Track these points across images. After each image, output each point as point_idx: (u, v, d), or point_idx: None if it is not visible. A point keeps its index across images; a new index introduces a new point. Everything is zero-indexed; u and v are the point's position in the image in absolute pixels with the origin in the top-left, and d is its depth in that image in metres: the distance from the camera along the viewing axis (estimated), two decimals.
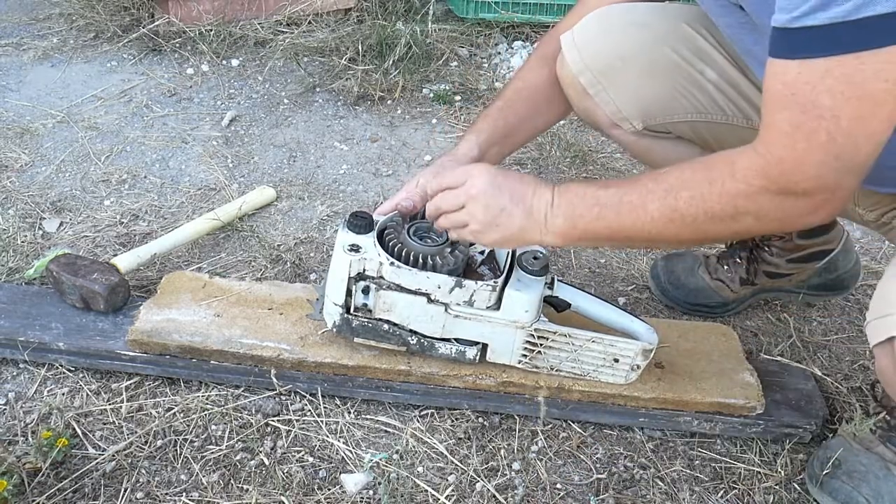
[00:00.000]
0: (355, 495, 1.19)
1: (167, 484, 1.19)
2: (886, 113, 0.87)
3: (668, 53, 1.28)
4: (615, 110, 1.32)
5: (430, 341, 1.27)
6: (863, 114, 0.86)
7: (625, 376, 1.30)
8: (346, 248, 1.21)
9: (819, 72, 0.85)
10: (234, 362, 1.31)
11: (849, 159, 0.90)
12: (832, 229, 1.56)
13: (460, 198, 1.13)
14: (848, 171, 0.92)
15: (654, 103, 1.31)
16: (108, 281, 1.36)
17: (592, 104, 1.33)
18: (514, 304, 1.22)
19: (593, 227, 1.08)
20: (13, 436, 1.22)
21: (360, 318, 1.26)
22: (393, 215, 1.26)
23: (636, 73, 1.29)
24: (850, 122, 0.87)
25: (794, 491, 1.27)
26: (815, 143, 0.89)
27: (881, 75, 0.84)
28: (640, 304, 1.64)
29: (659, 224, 1.03)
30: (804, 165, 0.91)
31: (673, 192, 1.01)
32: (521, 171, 1.15)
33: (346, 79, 2.31)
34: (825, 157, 0.90)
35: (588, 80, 1.30)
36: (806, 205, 0.95)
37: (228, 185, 1.88)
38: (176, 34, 2.43)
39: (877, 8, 0.80)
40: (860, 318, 1.65)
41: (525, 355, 1.29)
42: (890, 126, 0.88)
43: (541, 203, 1.10)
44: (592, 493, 1.24)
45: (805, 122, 0.89)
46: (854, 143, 0.89)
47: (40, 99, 2.16)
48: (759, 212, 0.98)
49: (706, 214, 1.00)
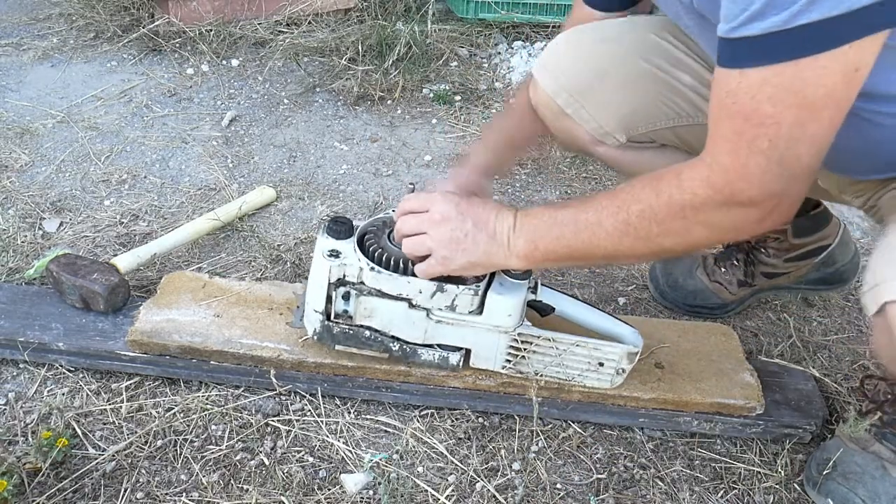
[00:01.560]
0: (355, 495, 1.19)
1: (167, 484, 1.19)
2: (827, 117, 0.88)
3: (641, 64, 1.29)
4: (596, 126, 1.32)
5: (412, 347, 1.26)
6: (803, 120, 0.87)
7: (610, 380, 1.29)
8: (325, 254, 1.20)
9: (758, 81, 0.86)
10: (234, 362, 1.31)
11: (792, 165, 0.91)
12: (828, 224, 1.56)
13: (423, 224, 1.14)
14: (792, 177, 0.92)
15: (635, 114, 1.32)
16: (108, 281, 1.36)
17: (571, 124, 1.33)
18: (497, 308, 1.21)
19: (553, 246, 1.10)
20: (13, 436, 1.22)
21: (341, 325, 1.25)
22: (373, 220, 1.26)
23: (613, 86, 1.30)
24: (791, 129, 0.88)
25: (793, 491, 1.27)
26: (756, 149, 0.90)
27: (820, 81, 0.84)
28: (641, 305, 1.64)
29: (614, 239, 1.04)
30: (748, 173, 0.92)
31: (625, 206, 1.03)
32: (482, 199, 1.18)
33: (346, 79, 2.31)
34: (768, 164, 0.90)
35: (565, 100, 1.31)
36: (754, 214, 0.96)
37: (228, 185, 1.88)
38: (176, 34, 2.43)
39: (811, 15, 0.81)
40: (860, 318, 1.65)
41: (509, 360, 1.28)
42: (831, 130, 0.89)
43: (503, 227, 1.12)
44: (592, 493, 1.24)
45: (747, 129, 0.89)
46: (796, 149, 0.90)
47: (40, 99, 2.16)
48: (709, 222, 0.99)
49: (658, 227, 1.01)
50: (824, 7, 0.80)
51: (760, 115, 0.88)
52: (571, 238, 1.08)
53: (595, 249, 1.07)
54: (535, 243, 1.10)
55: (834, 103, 0.87)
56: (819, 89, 0.85)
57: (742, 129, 0.90)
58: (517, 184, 2.01)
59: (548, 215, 1.10)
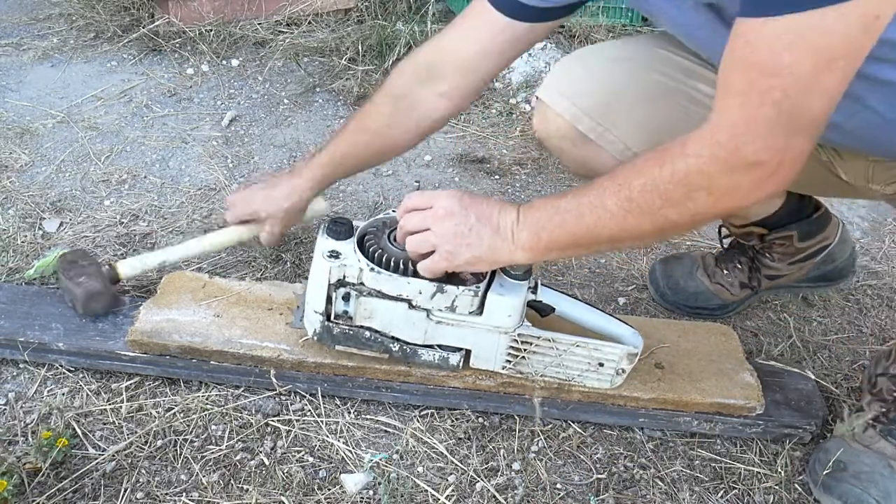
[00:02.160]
0: (355, 495, 1.19)
1: (167, 484, 1.19)
2: (841, 68, 0.86)
3: (657, 78, 1.27)
4: (623, 149, 1.29)
5: (412, 348, 1.26)
6: (819, 69, 0.86)
7: (610, 381, 1.29)
8: (325, 255, 1.20)
9: (780, 28, 0.85)
10: (234, 363, 1.31)
11: (801, 118, 0.90)
12: (829, 225, 1.57)
13: (426, 221, 1.13)
14: (799, 130, 0.91)
15: (661, 129, 1.27)
16: (90, 287, 1.34)
17: (594, 149, 1.30)
18: (497, 308, 1.21)
19: (557, 235, 1.08)
20: (13, 436, 1.22)
21: (341, 326, 1.25)
22: (373, 221, 1.26)
23: (635, 103, 1.27)
24: (807, 79, 0.86)
25: (794, 491, 1.27)
26: (768, 100, 0.88)
27: (838, 29, 0.83)
28: (641, 305, 1.64)
29: (618, 218, 1.02)
30: (756, 126, 0.90)
31: (627, 183, 1.01)
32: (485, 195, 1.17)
33: (346, 79, 2.32)
34: (778, 116, 0.89)
35: (588, 125, 1.28)
36: (757, 173, 0.94)
37: (228, 186, 1.88)
38: (176, 34, 2.43)
39: None
40: (860, 318, 1.65)
41: (509, 361, 1.28)
42: (843, 82, 0.88)
43: (507, 221, 1.11)
44: (592, 493, 1.24)
45: (761, 80, 0.88)
46: (808, 101, 0.88)
47: (40, 99, 2.16)
48: (711, 186, 0.96)
49: (661, 199, 0.98)
50: None
51: (777, 65, 0.86)
52: (574, 224, 1.06)
53: (600, 232, 1.04)
54: (539, 234, 1.09)
55: (851, 52, 0.85)
56: (837, 37, 0.84)
57: (755, 80, 0.88)
58: (517, 184, 2.01)
59: (550, 205, 1.08)
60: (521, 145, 2.17)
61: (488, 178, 2.03)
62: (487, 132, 2.22)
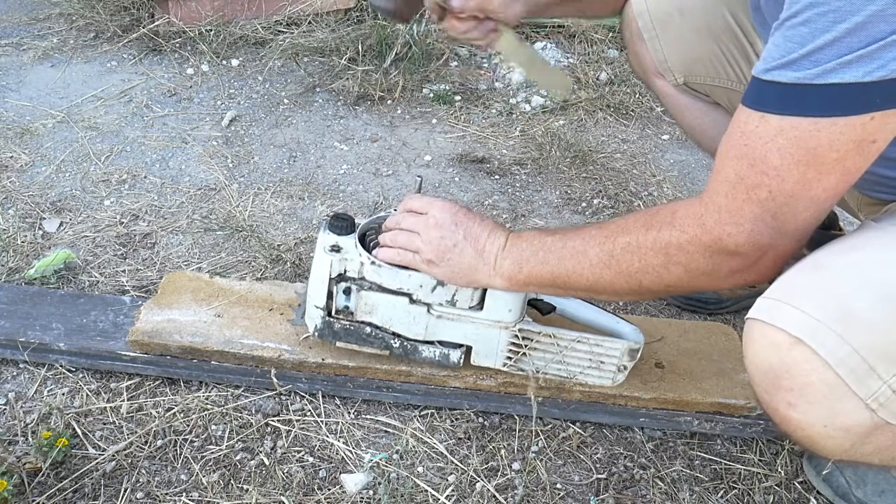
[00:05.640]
0: (355, 495, 1.19)
1: (167, 484, 1.19)
2: (832, 182, 0.86)
3: (725, 15, 1.30)
4: (662, 59, 1.37)
5: (413, 344, 1.27)
6: (808, 179, 0.86)
7: (612, 378, 1.29)
8: (326, 249, 1.20)
9: (775, 129, 0.85)
10: (235, 363, 1.31)
11: (786, 221, 0.89)
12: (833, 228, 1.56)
13: (419, 224, 1.15)
14: (783, 233, 0.91)
15: (699, 62, 1.34)
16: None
17: (643, 48, 1.38)
18: (498, 303, 1.21)
19: (537, 271, 1.10)
20: (13, 436, 1.22)
21: (342, 321, 1.25)
22: (375, 218, 1.26)
23: (690, 27, 1.32)
24: (794, 185, 0.86)
25: (794, 491, 1.27)
26: (754, 197, 0.89)
27: (834, 145, 0.82)
28: (641, 304, 1.63)
29: (596, 270, 1.04)
30: (740, 219, 0.90)
31: (612, 237, 1.02)
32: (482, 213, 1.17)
33: (345, 79, 2.32)
34: (763, 214, 0.89)
35: (644, 23, 1.35)
36: (736, 263, 0.94)
37: (228, 185, 1.88)
38: (176, 34, 2.43)
39: (844, 76, 0.79)
40: None
41: (510, 357, 1.28)
42: (833, 197, 0.88)
43: (493, 246, 1.13)
44: (592, 493, 1.24)
45: (750, 175, 0.88)
46: (794, 207, 0.88)
47: (40, 99, 2.16)
48: (689, 263, 0.96)
49: (640, 262, 1.00)
50: (859, 71, 0.78)
51: (766, 165, 0.86)
52: (555, 264, 1.07)
53: (577, 279, 1.06)
54: (521, 266, 1.11)
55: (842, 170, 0.85)
56: (831, 153, 0.83)
57: (745, 174, 0.88)
58: (517, 184, 2.01)
59: (537, 239, 1.10)
60: (521, 145, 2.17)
61: (488, 177, 2.03)
62: (487, 132, 2.22)
